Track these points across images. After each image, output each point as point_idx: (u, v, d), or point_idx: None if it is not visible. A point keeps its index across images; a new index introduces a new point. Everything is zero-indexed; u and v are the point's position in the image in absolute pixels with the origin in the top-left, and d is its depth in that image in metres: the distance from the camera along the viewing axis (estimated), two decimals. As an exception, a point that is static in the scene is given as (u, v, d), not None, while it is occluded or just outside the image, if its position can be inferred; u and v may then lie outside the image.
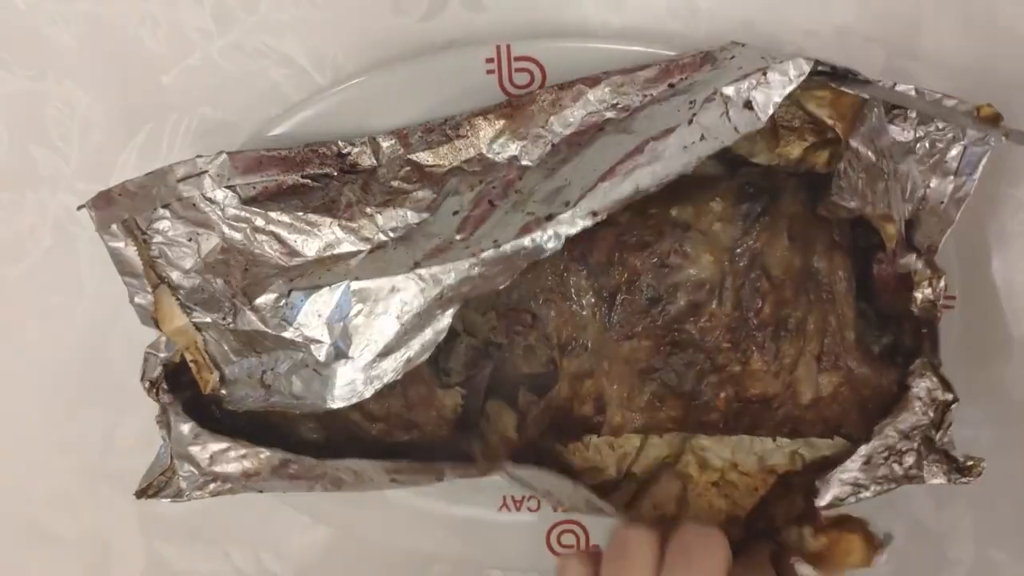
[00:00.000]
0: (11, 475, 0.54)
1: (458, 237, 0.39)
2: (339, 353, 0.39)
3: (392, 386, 0.43)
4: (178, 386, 0.46)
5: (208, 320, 0.43)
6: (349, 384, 0.39)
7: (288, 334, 0.40)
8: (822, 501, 0.43)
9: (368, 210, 0.42)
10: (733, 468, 0.49)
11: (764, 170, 0.43)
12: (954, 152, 0.41)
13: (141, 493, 0.44)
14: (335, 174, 0.43)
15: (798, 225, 0.43)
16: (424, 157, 0.43)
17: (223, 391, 0.43)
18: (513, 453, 0.45)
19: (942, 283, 0.42)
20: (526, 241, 0.37)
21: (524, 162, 0.41)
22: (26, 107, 0.50)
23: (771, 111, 0.37)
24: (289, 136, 0.45)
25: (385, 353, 0.39)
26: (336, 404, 0.39)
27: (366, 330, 0.39)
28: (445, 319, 0.38)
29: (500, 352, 0.44)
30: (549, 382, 0.44)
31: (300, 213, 0.42)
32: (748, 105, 0.37)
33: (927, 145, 0.42)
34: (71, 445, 0.53)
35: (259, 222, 0.42)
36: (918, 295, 0.42)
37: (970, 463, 0.43)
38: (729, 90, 0.37)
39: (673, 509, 0.49)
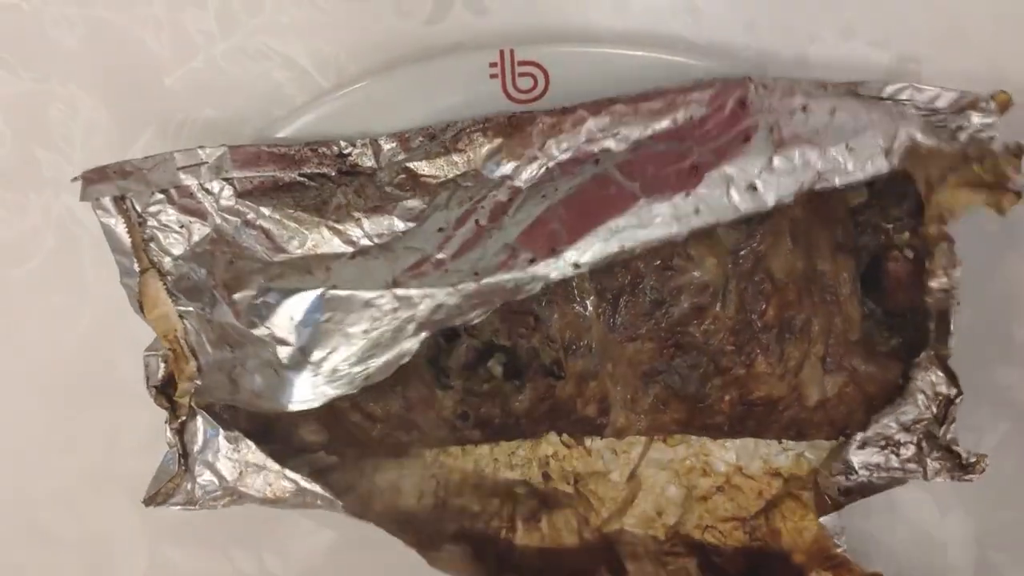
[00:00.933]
0: (13, 476, 0.54)
1: (439, 256, 0.40)
2: (302, 357, 0.39)
3: (392, 387, 0.43)
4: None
5: (191, 309, 0.43)
6: (305, 389, 0.39)
7: (258, 332, 0.40)
8: (819, 476, 0.44)
9: (356, 214, 0.42)
10: (737, 472, 0.49)
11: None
12: (963, 139, 0.41)
13: (150, 501, 0.44)
14: (333, 175, 0.43)
15: (801, 227, 0.43)
16: (421, 166, 0.43)
17: (197, 382, 0.43)
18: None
19: (958, 272, 0.42)
20: (506, 281, 0.38)
21: (516, 183, 0.41)
22: (29, 109, 0.50)
23: (777, 202, 0.38)
24: (292, 139, 0.45)
25: (347, 365, 0.39)
26: (292, 407, 0.39)
27: (333, 339, 0.39)
28: (413, 343, 0.38)
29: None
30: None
31: (290, 210, 0.42)
32: (752, 187, 0.37)
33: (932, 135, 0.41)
34: (74, 446, 0.53)
35: (250, 216, 0.42)
36: (934, 284, 0.42)
37: (973, 460, 0.43)
38: (731, 170, 0.38)
39: (678, 516, 0.49)
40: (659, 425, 0.45)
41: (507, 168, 0.41)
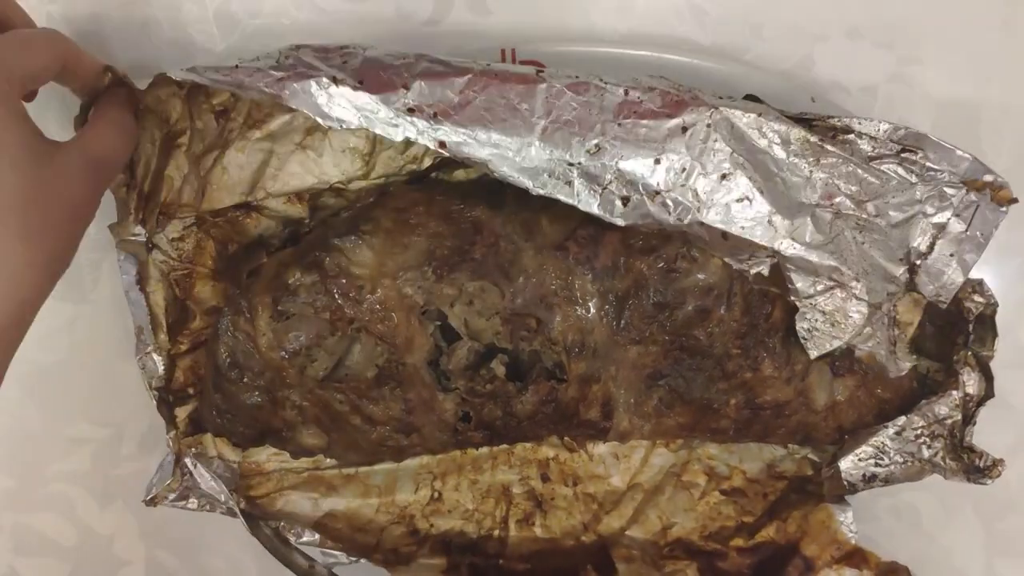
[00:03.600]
0: (11, 482, 0.53)
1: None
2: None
3: (392, 389, 0.43)
4: (179, 398, 0.46)
5: None
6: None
7: None
8: (842, 460, 0.44)
9: None
10: (741, 475, 0.49)
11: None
12: (969, 209, 0.39)
13: (151, 502, 0.45)
14: None
15: (807, 229, 0.42)
16: None
17: None
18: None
19: (985, 287, 0.42)
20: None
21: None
22: (28, 110, 0.50)
23: (624, 223, 0.37)
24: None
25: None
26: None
27: None
28: None
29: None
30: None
31: None
32: (624, 200, 0.37)
33: (942, 192, 0.39)
34: (71, 452, 0.53)
35: None
36: (969, 305, 0.42)
37: (990, 463, 0.43)
38: (625, 165, 0.37)
39: (680, 519, 0.49)
40: (663, 429, 0.45)
41: None
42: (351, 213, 0.45)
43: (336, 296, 0.42)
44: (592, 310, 0.42)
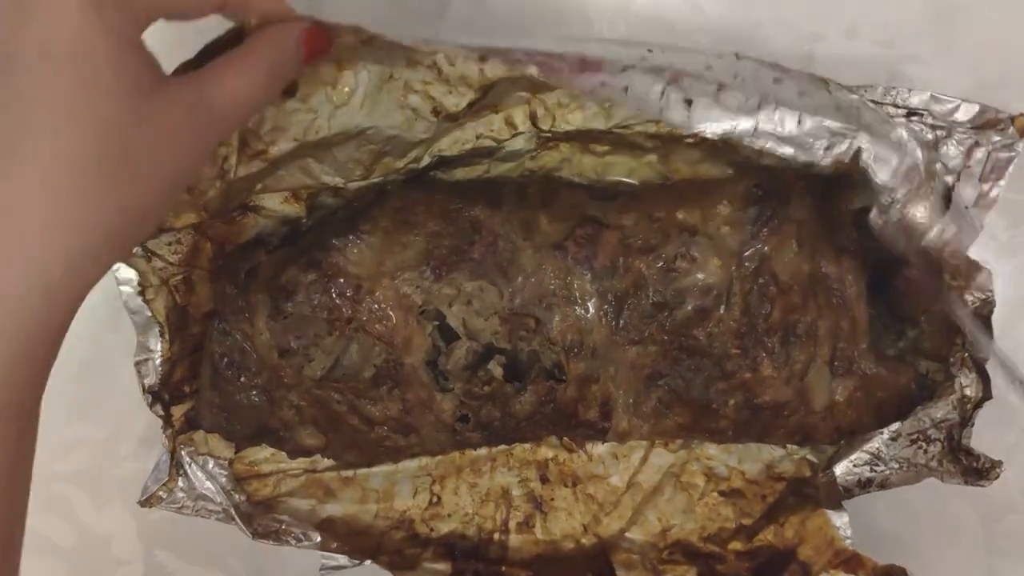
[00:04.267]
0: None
1: None
2: None
3: (390, 389, 0.43)
4: (175, 396, 0.46)
5: None
6: None
7: None
8: (837, 466, 0.44)
9: None
10: (740, 476, 0.49)
11: (772, 172, 0.42)
12: (979, 156, 0.41)
13: (146, 503, 0.45)
14: None
15: (806, 229, 0.42)
16: None
17: None
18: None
19: (987, 277, 0.42)
20: None
21: None
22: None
23: (697, 132, 0.37)
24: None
25: None
26: None
27: None
28: None
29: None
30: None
31: None
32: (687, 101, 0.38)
33: (949, 148, 0.41)
34: (69, 452, 0.53)
35: None
36: (968, 297, 0.42)
37: (988, 465, 0.43)
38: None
39: (679, 521, 0.49)
40: (662, 429, 0.45)
41: None
42: (349, 212, 0.45)
43: (334, 296, 0.42)
44: (591, 310, 0.42)
